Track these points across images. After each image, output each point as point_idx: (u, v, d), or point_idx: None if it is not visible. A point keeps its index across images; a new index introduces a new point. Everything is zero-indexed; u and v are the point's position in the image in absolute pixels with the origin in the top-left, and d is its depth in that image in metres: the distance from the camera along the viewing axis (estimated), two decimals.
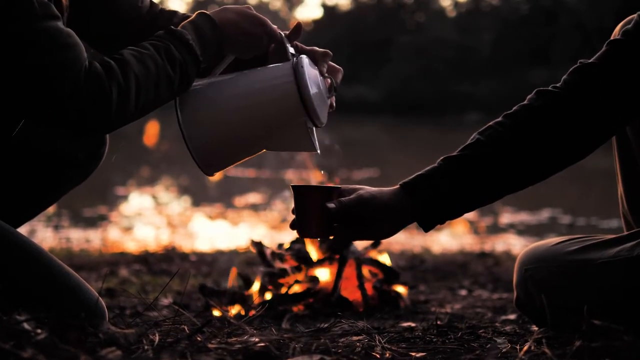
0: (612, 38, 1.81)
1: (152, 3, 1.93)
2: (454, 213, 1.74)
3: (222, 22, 1.72)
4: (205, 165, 1.76)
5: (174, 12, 1.92)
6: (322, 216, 1.71)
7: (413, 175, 1.74)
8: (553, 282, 1.90)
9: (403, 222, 1.74)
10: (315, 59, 1.79)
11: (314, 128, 1.77)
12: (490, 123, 1.75)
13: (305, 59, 1.74)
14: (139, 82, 1.57)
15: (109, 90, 1.52)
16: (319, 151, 1.78)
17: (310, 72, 1.73)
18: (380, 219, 1.72)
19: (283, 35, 1.79)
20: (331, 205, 1.70)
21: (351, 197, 1.72)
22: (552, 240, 1.99)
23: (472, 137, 1.75)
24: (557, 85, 1.75)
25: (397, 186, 1.73)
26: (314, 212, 1.72)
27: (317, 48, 1.84)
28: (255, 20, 1.75)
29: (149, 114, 1.72)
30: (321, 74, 1.78)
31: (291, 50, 1.78)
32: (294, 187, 1.74)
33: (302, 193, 1.74)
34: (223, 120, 1.72)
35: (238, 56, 1.78)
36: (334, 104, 1.82)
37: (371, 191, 1.73)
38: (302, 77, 1.70)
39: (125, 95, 1.55)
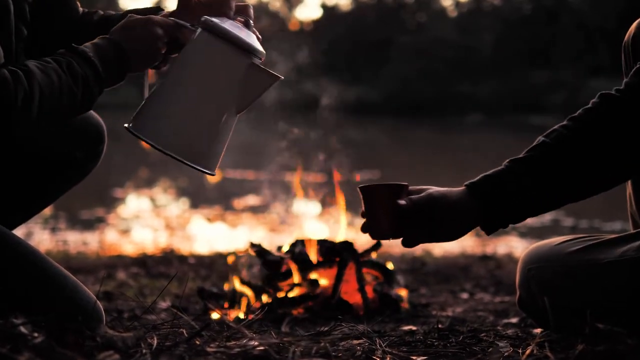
0: (627, 36, 1.80)
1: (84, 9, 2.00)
2: (518, 217, 1.72)
3: (117, 40, 1.73)
4: (205, 166, 1.75)
5: (95, 12, 1.97)
6: (394, 214, 1.69)
7: (479, 176, 1.73)
8: (556, 282, 1.88)
9: (469, 224, 1.73)
10: (220, 9, 1.80)
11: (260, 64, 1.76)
12: (555, 126, 1.73)
13: (206, 17, 1.75)
14: (42, 91, 1.59)
15: (14, 95, 1.55)
16: (282, 77, 1.75)
17: (220, 21, 1.74)
18: (450, 219, 1.71)
19: (175, 19, 1.79)
20: (402, 202, 1.69)
21: (421, 195, 1.71)
22: (555, 239, 1.97)
23: (537, 140, 1.73)
24: (620, 88, 1.73)
25: (463, 187, 1.72)
26: (385, 211, 1.70)
27: None
28: (139, 23, 1.75)
29: None
30: (229, 17, 1.79)
31: (186, 24, 1.78)
32: (363, 188, 1.74)
33: (372, 192, 1.73)
34: (188, 117, 1.72)
35: (151, 65, 1.78)
36: (260, 36, 1.82)
37: (441, 190, 1.72)
38: (217, 28, 1.72)
39: (29, 102, 1.57)
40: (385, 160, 15.15)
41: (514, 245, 6.16)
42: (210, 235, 6.71)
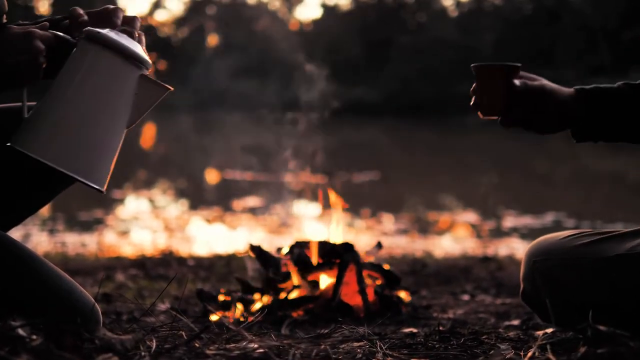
0: None
1: None
2: (612, 134, 1.81)
3: None
4: (95, 181, 1.68)
5: (17, 22, 1.93)
6: (506, 93, 1.77)
7: (591, 85, 1.81)
8: (561, 275, 1.87)
9: (565, 124, 1.81)
10: (109, 21, 1.76)
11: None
12: None
13: (89, 28, 1.69)
14: None
15: None
16: (172, 88, 1.71)
17: (105, 31, 1.69)
18: (554, 113, 1.78)
19: (54, 32, 1.72)
20: (517, 82, 1.76)
21: (535, 83, 1.78)
22: (562, 233, 1.96)
23: None
24: None
25: (572, 89, 1.80)
26: (499, 89, 1.77)
27: (109, 6, 1.80)
28: (17, 36, 1.67)
29: (147, 115, 1.70)
30: (115, 26, 1.74)
31: (67, 37, 1.72)
32: (478, 66, 1.80)
33: (487, 70, 1.80)
34: (75, 131, 1.66)
35: (31, 81, 1.69)
36: (144, 48, 1.77)
37: (552, 85, 1.80)
38: (101, 38, 1.66)
39: None
40: (386, 161, 15.15)
41: (515, 247, 6.15)
42: (210, 236, 6.70)
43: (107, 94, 1.67)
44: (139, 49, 1.71)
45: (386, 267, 2.91)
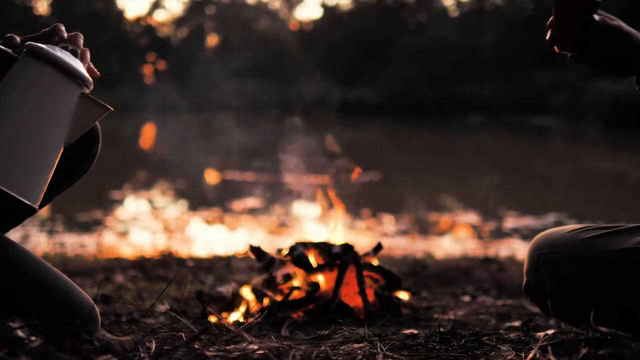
0: None
1: None
2: None
3: None
4: (27, 197, 1.64)
5: None
6: (585, 28, 1.76)
7: None
8: (567, 268, 1.86)
9: (634, 68, 1.80)
10: (50, 37, 1.74)
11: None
12: None
13: (30, 42, 1.67)
14: None
15: None
16: (112, 109, 1.70)
17: (46, 47, 1.66)
18: (627, 55, 1.77)
19: None
20: (596, 17, 1.75)
21: (614, 22, 1.77)
22: (568, 227, 1.95)
23: None
24: None
25: None
26: (578, 23, 1.76)
27: (46, 29, 1.78)
28: None
29: (147, 115, 1.69)
30: (56, 43, 1.72)
31: (8, 50, 1.70)
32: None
33: (568, 3, 1.78)
34: (9, 145, 1.62)
35: None
36: (95, 69, 1.77)
37: (630, 28, 1.80)
38: (42, 53, 1.64)
39: None
40: (386, 162, 15.15)
41: (516, 248, 6.15)
42: (209, 237, 6.69)
43: (45, 111, 1.64)
44: (81, 67, 1.69)
45: (386, 267, 2.90)
